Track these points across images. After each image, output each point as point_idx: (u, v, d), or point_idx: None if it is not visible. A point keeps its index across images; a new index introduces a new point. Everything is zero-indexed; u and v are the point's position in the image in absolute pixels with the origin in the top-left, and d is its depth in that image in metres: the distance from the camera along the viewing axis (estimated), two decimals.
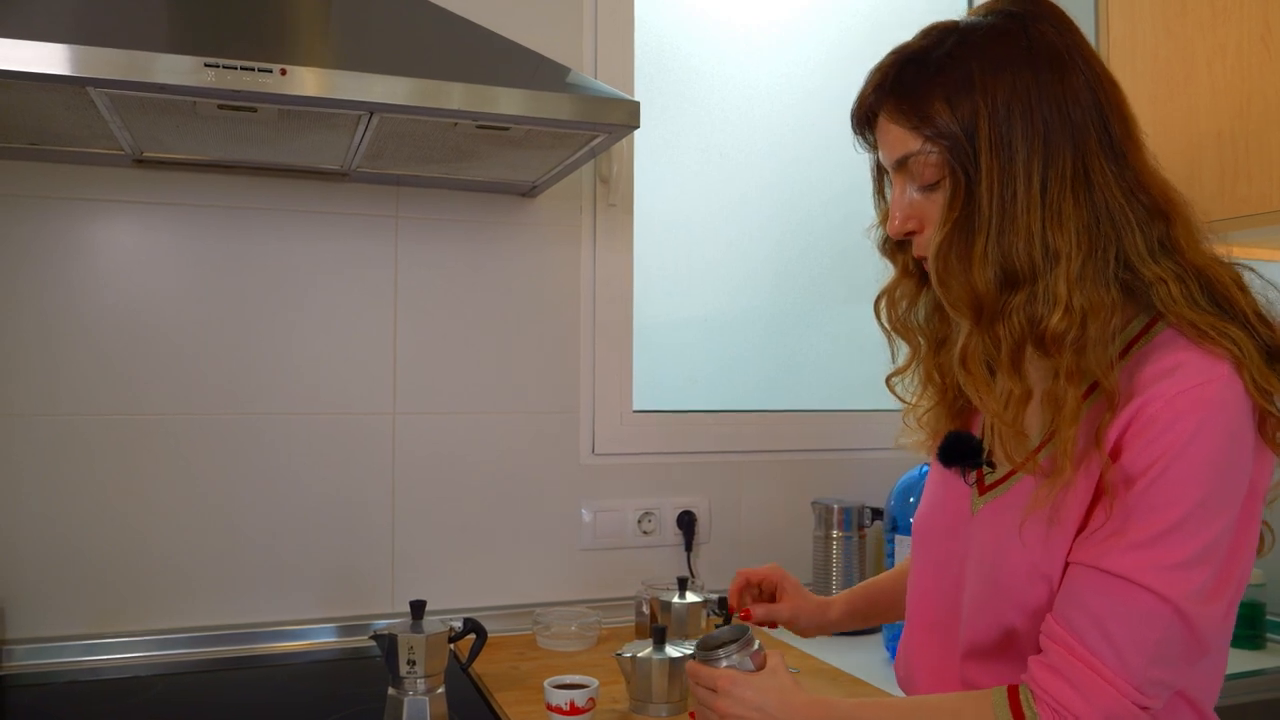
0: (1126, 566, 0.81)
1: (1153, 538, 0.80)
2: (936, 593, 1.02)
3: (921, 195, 0.91)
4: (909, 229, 0.92)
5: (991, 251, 0.84)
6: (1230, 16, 1.54)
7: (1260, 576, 1.72)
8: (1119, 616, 0.81)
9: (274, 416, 1.72)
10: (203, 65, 1.20)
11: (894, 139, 0.91)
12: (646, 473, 1.96)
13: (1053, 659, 0.84)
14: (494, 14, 1.71)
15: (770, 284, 2.16)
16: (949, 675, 0.98)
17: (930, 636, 1.02)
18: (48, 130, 1.43)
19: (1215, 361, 0.81)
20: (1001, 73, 0.85)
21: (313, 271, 1.75)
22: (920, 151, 0.88)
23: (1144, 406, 0.82)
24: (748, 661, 0.99)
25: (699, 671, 0.99)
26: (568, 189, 1.89)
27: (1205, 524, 0.80)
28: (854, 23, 2.21)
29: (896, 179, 0.92)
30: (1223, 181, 1.55)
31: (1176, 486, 0.80)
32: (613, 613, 1.84)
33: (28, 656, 1.57)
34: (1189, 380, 0.81)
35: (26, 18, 1.18)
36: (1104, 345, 0.83)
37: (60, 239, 1.62)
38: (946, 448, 1.01)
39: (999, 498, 0.95)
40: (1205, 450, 0.80)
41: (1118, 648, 0.81)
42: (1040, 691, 0.83)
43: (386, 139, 1.47)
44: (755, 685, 0.95)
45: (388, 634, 1.28)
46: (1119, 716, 0.81)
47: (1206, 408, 0.80)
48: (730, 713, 0.95)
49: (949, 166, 0.87)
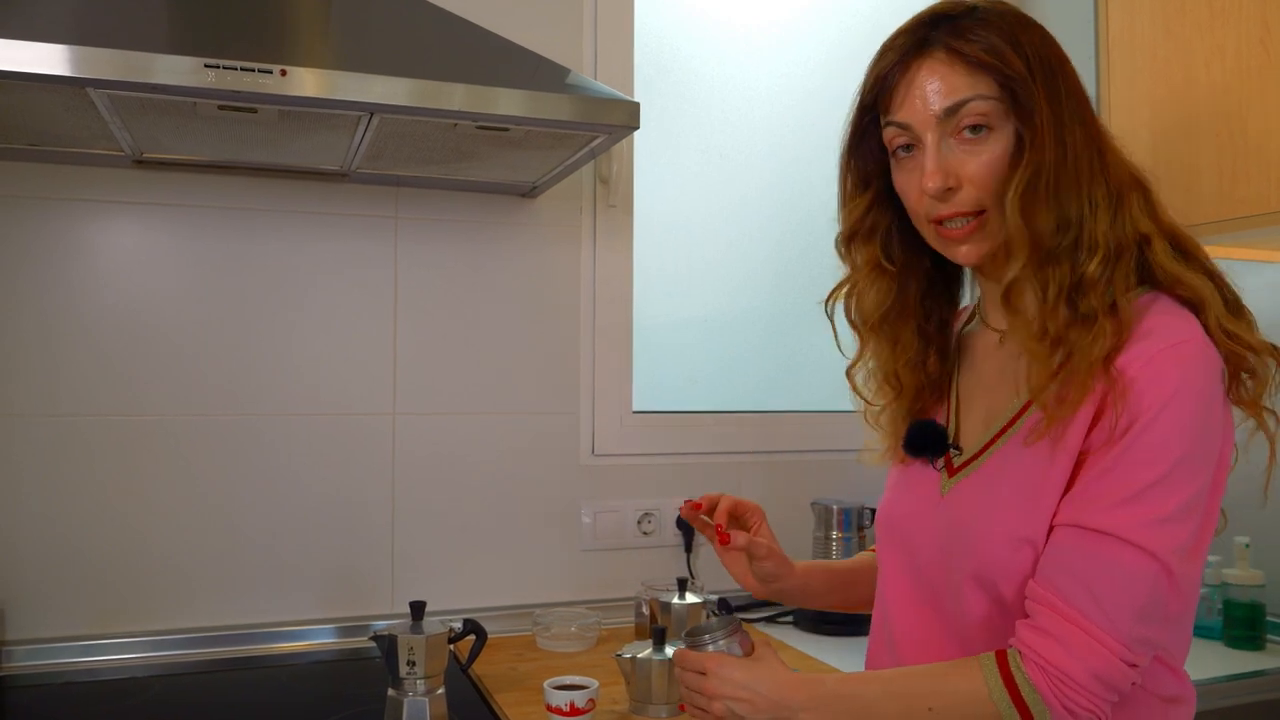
0: (1111, 523, 0.83)
1: (1136, 494, 0.82)
2: (912, 575, 1.02)
3: (964, 149, 0.90)
4: (949, 185, 0.91)
5: (1050, 197, 0.87)
6: (1229, 18, 1.54)
7: (1260, 578, 1.72)
8: (1106, 574, 0.82)
9: (273, 417, 1.72)
10: (203, 66, 1.20)
11: (950, 84, 0.90)
12: (646, 473, 1.97)
13: (1040, 621, 0.84)
14: (493, 14, 1.71)
15: (770, 284, 2.16)
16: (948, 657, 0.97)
17: (917, 618, 1.01)
18: (48, 131, 1.43)
19: (1188, 323, 0.86)
20: (1038, 32, 0.92)
21: (313, 272, 1.75)
22: (979, 96, 0.89)
23: (1125, 367, 0.84)
24: (735, 648, 0.99)
25: (686, 655, 0.98)
26: (568, 190, 1.90)
27: (1186, 480, 0.82)
28: (854, 23, 2.21)
29: (934, 133, 0.91)
30: (1221, 182, 1.55)
31: (1158, 444, 0.82)
32: (612, 613, 1.84)
33: (27, 657, 1.57)
34: (1166, 340, 0.84)
35: (27, 19, 1.18)
36: (1123, 280, 0.88)
37: (60, 240, 1.62)
38: (912, 438, 1.03)
39: (970, 475, 0.96)
40: (1185, 408, 0.82)
41: (1105, 606, 0.82)
42: (1028, 652, 0.84)
43: (386, 139, 1.47)
44: (744, 666, 0.95)
45: (388, 635, 1.28)
46: (1107, 674, 0.82)
47: (1184, 366, 0.83)
48: (719, 693, 0.94)
49: (1007, 113, 0.89)
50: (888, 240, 1.02)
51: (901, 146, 0.95)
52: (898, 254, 1.02)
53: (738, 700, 0.93)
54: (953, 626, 0.96)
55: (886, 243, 1.02)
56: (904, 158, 0.95)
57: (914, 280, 1.03)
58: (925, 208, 0.94)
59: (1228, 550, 1.76)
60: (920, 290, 1.04)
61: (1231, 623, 1.73)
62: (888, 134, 0.96)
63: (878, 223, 1.02)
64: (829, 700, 0.91)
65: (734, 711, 0.93)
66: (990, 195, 0.90)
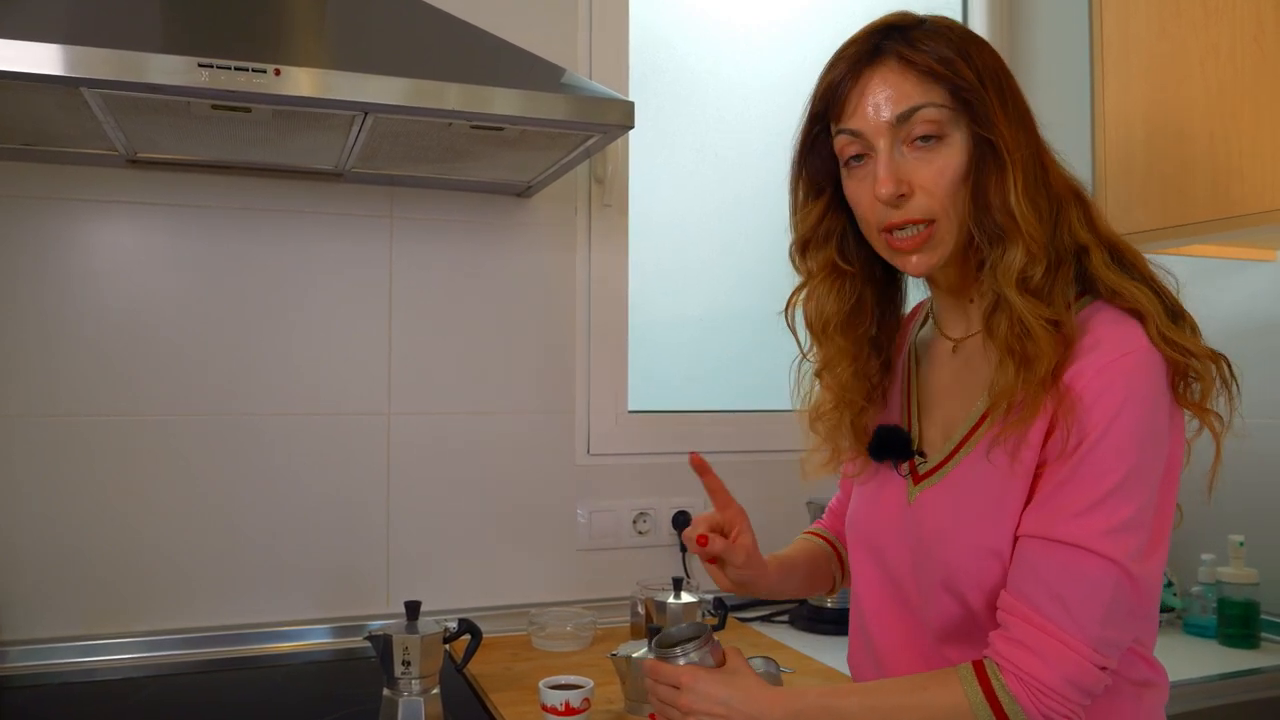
0: (1072, 533, 0.85)
1: (1094, 503, 0.85)
2: (884, 579, 1.03)
3: (915, 157, 0.91)
4: (901, 192, 0.92)
5: (1039, 191, 0.90)
6: (1223, 16, 1.54)
7: (1254, 576, 1.72)
8: (1071, 582, 0.85)
9: (268, 417, 1.72)
10: (196, 65, 1.20)
11: (902, 91, 0.91)
12: (642, 473, 1.97)
13: (1013, 631, 0.87)
14: (488, 14, 1.71)
15: (765, 284, 2.15)
16: (925, 657, 0.99)
17: (893, 619, 1.03)
18: (41, 131, 1.43)
19: (1132, 333, 0.88)
20: (985, 47, 0.94)
21: (307, 272, 1.75)
22: (931, 104, 0.90)
23: (1074, 380, 0.86)
24: (708, 658, 0.98)
25: (659, 669, 0.97)
26: (563, 189, 1.90)
27: (1139, 487, 0.86)
28: (849, 23, 2.17)
29: (886, 140, 0.92)
30: (1216, 181, 1.55)
31: (1112, 455, 0.85)
32: (608, 613, 1.84)
33: (24, 657, 1.57)
34: (1112, 353, 0.86)
35: (20, 18, 1.18)
36: (1064, 291, 0.90)
37: (54, 239, 1.61)
38: (878, 443, 1.04)
39: (936, 485, 0.98)
40: (1134, 418, 0.85)
41: (1072, 612, 0.85)
42: (1005, 662, 0.86)
43: (381, 139, 1.46)
44: (719, 680, 0.95)
45: (383, 635, 1.28)
46: (1079, 678, 0.84)
47: (1130, 377, 0.86)
48: (695, 709, 0.93)
49: (958, 122, 0.91)
50: (843, 245, 1.03)
51: (853, 156, 0.95)
52: (854, 258, 1.03)
53: (714, 716, 0.93)
54: (926, 627, 0.99)
55: (842, 247, 1.03)
56: (855, 167, 0.96)
57: (869, 285, 1.05)
58: (877, 216, 0.94)
59: (1222, 549, 1.77)
60: (874, 296, 1.06)
61: (1226, 621, 1.74)
62: (839, 142, 0.96)
63: (832, 229, 1.03)
64: (807, 714, 0.92)
65: None
66: (940, 204, 0.91)
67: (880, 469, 1.06)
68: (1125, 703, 0.93)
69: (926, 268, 0.95)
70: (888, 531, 1.03)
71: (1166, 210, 1.63)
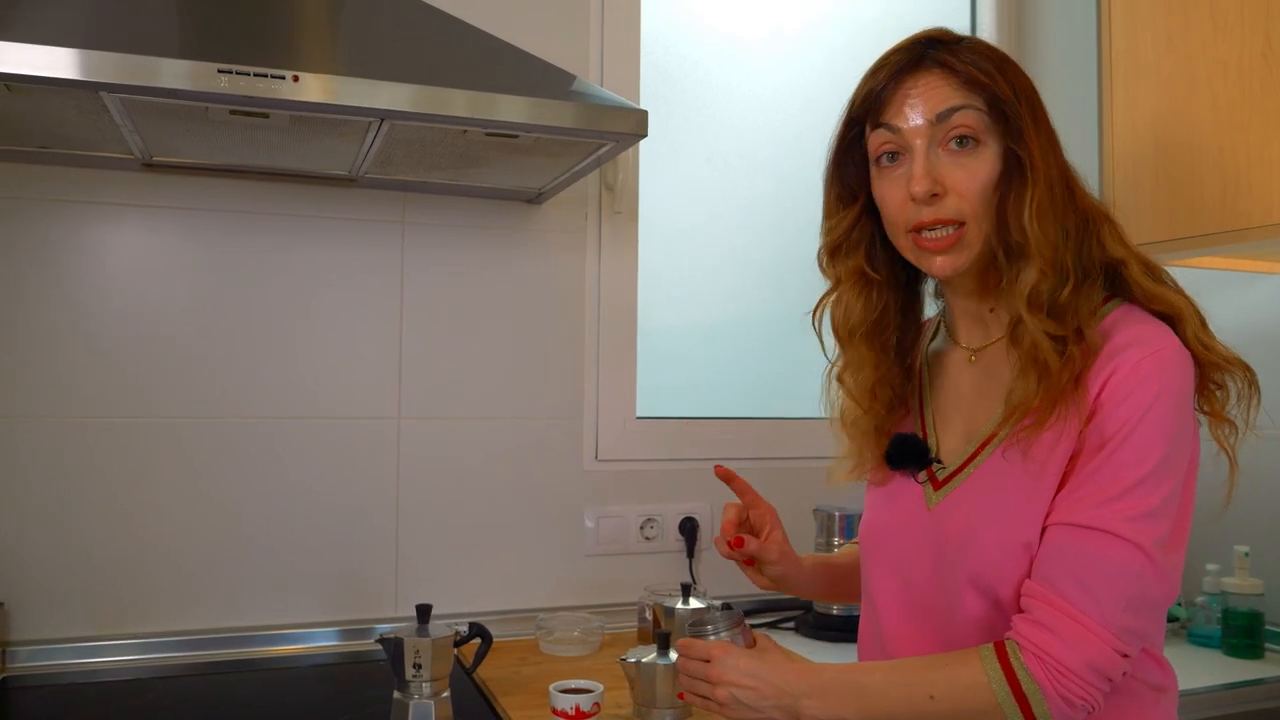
0: (1099, 519, 0.87)
1: (1122, 492, 0.87)
2: (902, 585, 1.04)
3: (950, 159, 0.93)
4: (935, 191, 0.93)
5: (1059, 210, 0.93)
6: (1232, 33, 1.55)
7: (1259, 586, 1.73)
8: (1095, 567, 0.87)
9: (279, 420, 1.73)
10: (216, 71, 1.21)
11: (943, 93, 0.94)
12: (649, 479, 1.97)
13: (1036, 614, 0.88)
14: (502, 22, 1.72)
15: (774, 291, 2.16)
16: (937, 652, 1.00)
17: (911, 624, 1.04)
18: (57, 134, 1.43)
19: (1164, 332, 0.91)
20: (1019, 69, 0.97)
21: (319, 276, 1.76)
22: (970, 106, 0.93)
23: (1113, 374, 0.89)
24: (739, 639, 1.01)
25: (691, 644, 1.01)
26: (573, 196, 1.91)
27: (1167, 477, 0.88)
28: (857, 33, 2.22)
29: (924, 140, 0.94)
30: (1224, 195, 1.56)
31: (1143, 446, 0.87)
32: (615, 618, 1.85)
33: (31, 658, 1.57)
34: (1146, 349, 0.89)
35: (41, 23, 1.19)
36: (1087, 303, 0.93)
37: (68, 242, 1.62)
38: (895, 451, 1.06)
39: (959, 487, 0.99)
40: (1166, 411, 0.88)
41: (1096, 597, 0.86)
42: (1026, 643, 0.87)
43: (396, 145, 1.47)
44: (749, 654, 0.99)
45: (394, 638, 1.29)
46: (1100, 662, 0.85)
47: (1163, 373, 0.89)
48: (724, 679, 0.96)
49: (994, 131, 0.93)
50: (871, 252, 1.05)
51: (886, 154, 0.97)
52: (881, 266, 1.05)
53: (742, 687, 0.96)
54: (946, 629, 0.99)
55: (870, 254, 1.05)
56: (887, 167, 0.97)
57: (894, 293, 1.07)
58: (906, 216, 0.96)
59: (1227, 559, 1.77)
60: (898, 304, 1.07)
61: (1231, 631, 1.74)
62: (875, 139, 0.98)
63: (861, 236, 1.04)
64: (832, 687, 0.94)
65: (738, 698, 0.96)
66: (972, 207, 0.93)
67: (892, 477, 1.07)
68: (1142, 706, 0.94)
69: (952, 270, 0.96)
70: (907, 537, 1.04)
71: (1174, 222, 1.64)
